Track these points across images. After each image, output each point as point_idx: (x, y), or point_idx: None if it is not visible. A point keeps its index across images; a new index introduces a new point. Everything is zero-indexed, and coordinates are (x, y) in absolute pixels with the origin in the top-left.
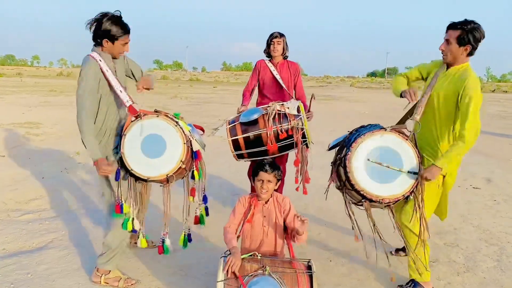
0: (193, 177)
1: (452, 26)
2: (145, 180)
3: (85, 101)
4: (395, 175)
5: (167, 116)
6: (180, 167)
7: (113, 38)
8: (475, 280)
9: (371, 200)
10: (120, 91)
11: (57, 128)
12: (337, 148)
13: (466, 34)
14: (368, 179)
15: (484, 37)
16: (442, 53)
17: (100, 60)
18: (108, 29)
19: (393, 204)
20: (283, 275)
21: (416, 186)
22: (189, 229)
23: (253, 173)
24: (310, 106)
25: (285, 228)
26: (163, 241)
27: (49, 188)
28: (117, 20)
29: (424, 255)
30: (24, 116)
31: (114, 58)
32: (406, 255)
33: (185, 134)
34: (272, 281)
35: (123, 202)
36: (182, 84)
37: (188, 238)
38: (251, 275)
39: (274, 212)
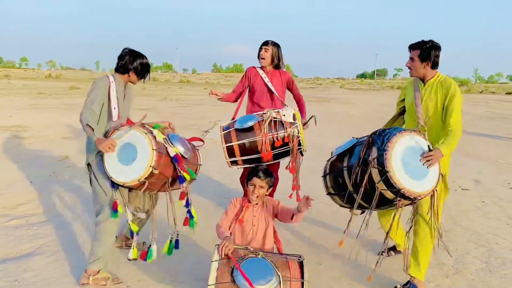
0: (183, 180)
1: (413, 46)
2: (123, 186)
3: (94, 102)
4: (426, 172)
5: (143, 126)
6: (152, 172)
7: (141, 76)
8: (464, 282)
9: (405, 198)
10: (114, 108)
11: (46, 132)
12: (350, 152)
13: (426, 51)
14: (407, 177)
15: (440, 50)
16: (408, 69)
17: (112, 82)
18: (141, 69)
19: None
20: (275, 260)
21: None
22: (177, 235)
23: (247, 178)
24: (307, 122)
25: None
26: (149, 247)
27: (37, 192)
28: (148, 67)
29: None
30: (12, 119)
31: (132, 83)
32: (396, 254)
33: (156, 141)
34: (265, 261)
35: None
36: (172, 86)
37: (175, 245)
38: (245, 257)
39: (264, 213)
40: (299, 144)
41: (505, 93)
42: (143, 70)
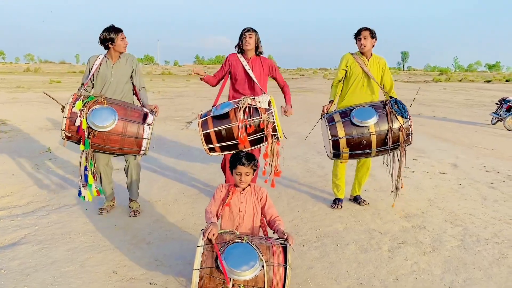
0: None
1: (363, 29)
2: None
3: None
4: None
5: (77, 96)
6: (66, 135)
7: (112, 40)
8: (440, 259)
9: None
10: (87, 77)
11: (26, 125)
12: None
13: (373, 32)
14: None
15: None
16: (362, 46)
17: (98, 57)
18: (106, 37)
19: None
20: (260, 245)
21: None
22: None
23: (230, 166)
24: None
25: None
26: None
27: (19, 185)
28: (109, 28)
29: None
30: None
31: (119, 52)
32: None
33: (72, 111)
34: (249, 246)
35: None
36: (154, 78)
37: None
38: (229, 242)
39: (251, 199)
40: (275, 130)
41: (483, 81)
42: (102, 39)
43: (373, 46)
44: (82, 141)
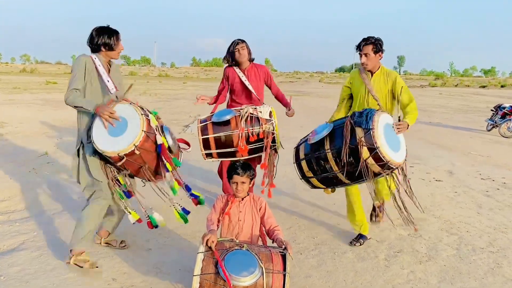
0: (167, 168)
1: (365, 44)
2: (101, 155)
3: (73, 81)
4: (399, 145)
5: (140, 107)
6: (133, 151)
7: (110, 47)
8: (436, 268)
9: (389, 168)
10: (108, 80)
11: (23, 127)
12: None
13: (377, 44)
14: (390, 150)
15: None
16: (364, 64)
17: (95, 58)
18: (104, 41)
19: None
20: (259, 252)
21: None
22: (180, 205)
23: (228, 176)
24: (290, 103)
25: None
26: (149, 217)
27: (17, 189)
28: (108, 30)
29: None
30: None
31: (112, 58)
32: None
33: (150, 126)
34: (249, 254)
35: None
36: (151, 80)
37: (184, 211)
38: (229, 249)
39: (250, 208)
40: (274, 141)
41: (479, 86)
42: (109, 39)
43: (381, 58)
44: (167, 160)
